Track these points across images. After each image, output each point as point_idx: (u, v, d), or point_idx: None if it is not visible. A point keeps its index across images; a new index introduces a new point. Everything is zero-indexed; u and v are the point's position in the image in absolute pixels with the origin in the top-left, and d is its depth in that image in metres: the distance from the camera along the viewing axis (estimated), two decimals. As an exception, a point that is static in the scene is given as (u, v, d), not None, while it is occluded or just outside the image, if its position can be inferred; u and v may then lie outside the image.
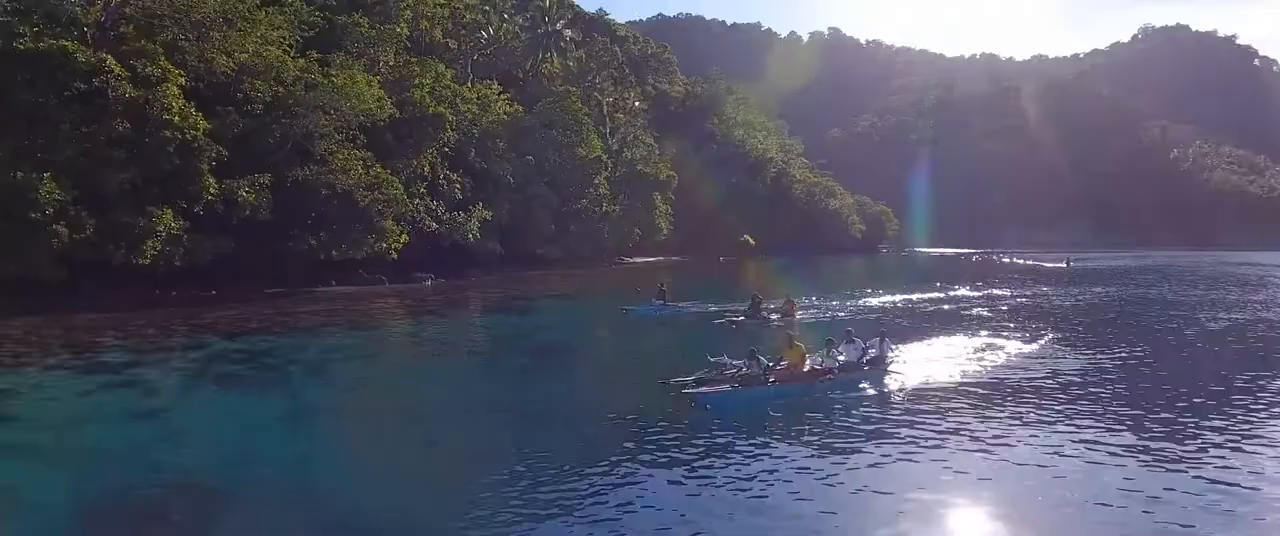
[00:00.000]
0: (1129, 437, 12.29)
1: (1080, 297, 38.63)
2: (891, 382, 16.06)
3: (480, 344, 26.64)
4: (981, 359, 19.05)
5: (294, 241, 37.42)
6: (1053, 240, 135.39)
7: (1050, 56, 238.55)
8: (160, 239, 30.20)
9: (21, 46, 27.71)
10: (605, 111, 73.84)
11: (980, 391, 15.42)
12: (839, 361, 15.54)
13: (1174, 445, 11.92)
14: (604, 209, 64.89)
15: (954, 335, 23.58)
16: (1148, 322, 28.75)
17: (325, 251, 38.43)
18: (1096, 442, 11.88)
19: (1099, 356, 20.06)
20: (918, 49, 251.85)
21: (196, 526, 9.51)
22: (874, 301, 36.25)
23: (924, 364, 17.86)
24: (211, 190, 32.11)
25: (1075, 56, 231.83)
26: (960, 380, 16.44)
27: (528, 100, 65.67)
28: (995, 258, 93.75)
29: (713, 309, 30.06)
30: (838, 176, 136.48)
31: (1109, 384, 16.47)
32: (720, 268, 75.16)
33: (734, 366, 14.64)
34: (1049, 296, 39.59)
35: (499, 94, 57.84)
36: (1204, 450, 11.66)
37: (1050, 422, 13.11)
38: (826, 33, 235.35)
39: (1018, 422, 13.09)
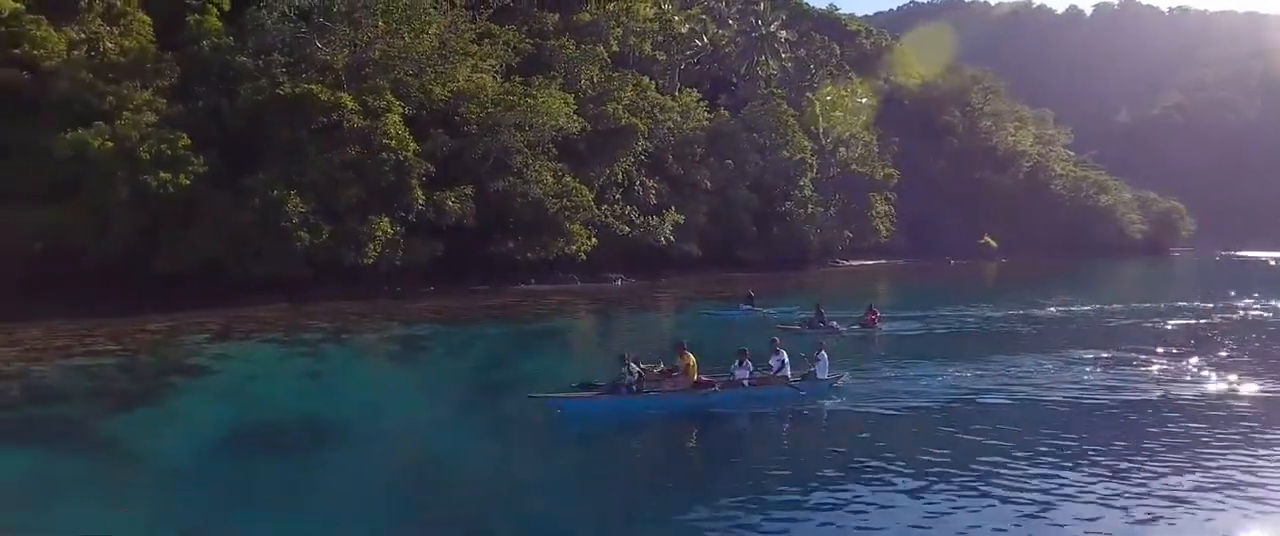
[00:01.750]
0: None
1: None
2: (831, 402, 15.08)
3: (606, 335, 28.77)
4: (993, 381, 17.06)
5: (495, 244, 42.60)
6: None
7: None
8: (380, 243, 36.39)
9: (281, 92, 35.24)
10: (819, 110, 72.36)
11: (938, 418, 14.13)
12: (748, 375, 14.69)
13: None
14: (809, 211, 63.87)
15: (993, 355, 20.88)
16: None
17: (521, 253, 43.17)
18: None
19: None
20: (1242, 11, 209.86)
21: (309, 458, 12.94)
22: (1051, 309, 32.50)
23: (900, 383, 16.45)
24: (420, 201, 37.88)
25: None
26: (940, 405, 15.08)
27: (738, 103, 66.90)
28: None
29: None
30: (1126, 168, 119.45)
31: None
32: (946, 272, 69.89)
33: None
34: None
35: (697, 101, 59.72)
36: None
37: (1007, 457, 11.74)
38: (1117, 4, 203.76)
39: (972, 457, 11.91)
